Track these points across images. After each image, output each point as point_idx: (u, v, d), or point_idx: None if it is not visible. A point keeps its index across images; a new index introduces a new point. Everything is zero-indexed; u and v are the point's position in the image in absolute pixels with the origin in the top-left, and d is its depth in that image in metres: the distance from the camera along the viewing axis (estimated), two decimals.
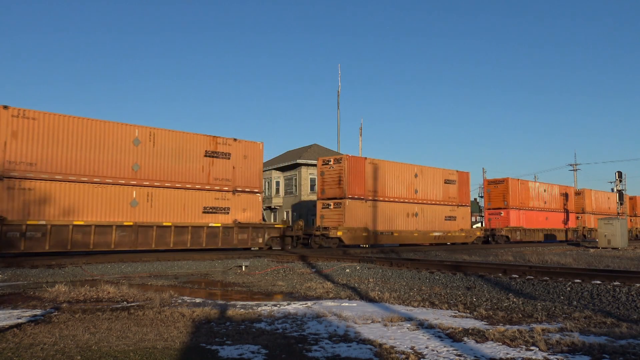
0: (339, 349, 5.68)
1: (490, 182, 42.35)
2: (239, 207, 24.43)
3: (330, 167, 29.07)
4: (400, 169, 31.56)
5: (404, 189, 31.48)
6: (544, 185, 44.94)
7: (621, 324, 7.16)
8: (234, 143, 24.67)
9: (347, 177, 28.16)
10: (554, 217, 45.06)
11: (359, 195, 28.69)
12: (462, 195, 35.91)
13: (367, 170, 29.30)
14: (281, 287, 11.82)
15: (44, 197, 18.74)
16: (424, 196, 32.88)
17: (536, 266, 14.43)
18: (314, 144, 53.54)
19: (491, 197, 41.69)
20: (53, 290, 10.18)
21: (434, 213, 33.36)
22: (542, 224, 43.36)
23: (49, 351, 5.43)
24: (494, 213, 41.24)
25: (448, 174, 34.86)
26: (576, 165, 72.90)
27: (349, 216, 28.05)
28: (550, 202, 44.83)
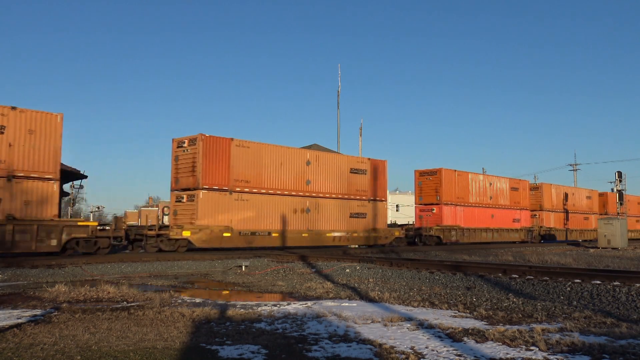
0: (339, 349, 5.68)
1: (421, 174, 36.05)
2: (18, 198, 17.98)
3: (185, 151, 23.33)
4: (285, 154, 25.98)
5: (290, 179, 25.86)
6: (491, 178, 39.45)
7: (621, 324, 7.16)
8: (11, 113, 18.37)
9: (202, 163, 22.54)
10: (503, 214, 39.51)
11: (220, 185, 23.10)
12: (377, 187, 30.13)
13: (234, 154, 23.74)
14: (281, 287, 11.82)
15: None
16: (320, 188, 27.20)
17: (536, 266, 14.43)
18: (314, 144, 53.54)
19: (423, 190, 35.69)
20: (53, 290, 10.19)
21: (333, 209, 27.75)
22: (486, 223, 37.72)
23: (49, 351, 5.44)
24: (425, 209, 35.21)
25: (356, 162, 29.46)
26: (576, 165, 72.97)
27: (205, 211, 22.49)
28: (498, 198, 39.22)
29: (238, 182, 23.90)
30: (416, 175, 36.24)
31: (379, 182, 30.51)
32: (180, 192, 23.31)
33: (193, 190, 22.67)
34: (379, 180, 30.46)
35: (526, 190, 42.39)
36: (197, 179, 22.65)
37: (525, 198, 41.99)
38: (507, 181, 40.89)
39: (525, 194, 42.13)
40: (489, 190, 38.70)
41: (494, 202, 39.08)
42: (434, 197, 34.91)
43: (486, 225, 37.68)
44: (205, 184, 22.75)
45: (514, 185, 41.39)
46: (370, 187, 29.82)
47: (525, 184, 42.77)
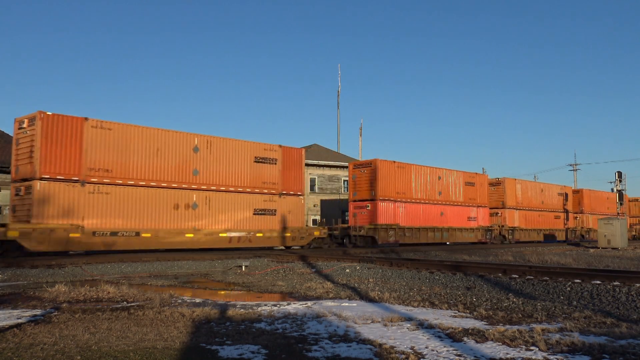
0: (339, 349, 5.68)
1: (355, 166, 31.98)
2: None
3: (25, 132, 19.17)
4: (163, 138, 21.74)
5: (170, 169, 21.80)
6: (439, 171, 34.62)
7: (621, 324, 7.16)
8: None
9: (41, 146, 18.38)
10: (455, 212, 35.28)
11: (67, 174, 19.00)
12: (290, 180, 26.12)
13: (89, 137, 19.60)
14: (281, 287, 11.82)
15: None
16: (213, 179, 23.22)
17: (536, 266, 14.44)
18: (314, 144, 53.52)
19: (357, 185, 31.23)
20: (53, 290, 10.19)
21: (231, 204, 23.70)
22: (434, 221, 33.47)
23: (49, 351, 5.44)
24: (359, 206, 30.84)
25: (262, 150, 25.28)
26: (576, 165, 72.99)
27: (43, 207, 18.38)
28: (450, 193, 35.00)
29: (94, 171, 19.71)
30: (350, 168, 32.41)
31: (294, 173, 26.46)
32: (19, 183, 19.22)
33: (30, 181, 18.58)
34: (293, 172, 26.40)
35: (484, 186, 38.06)
36: (34, 166, 18.47)
37: (484, 194, 37.80)
38: (461, 175, 36.30)
39: (484, 190, 37.89)
40: (438, 185, 34.29)
41: (444, 199, 34.59)
42: (368, 192, 30.57)
43: (434, 224, 33.35)
44: (46, 173, 18.50)
45: (470, 180, 36.89)
46: (281, 179, 25.75)
47: (482, 178, 38.31)
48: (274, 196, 25.60)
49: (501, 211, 40.07)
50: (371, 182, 30.58)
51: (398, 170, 31.80)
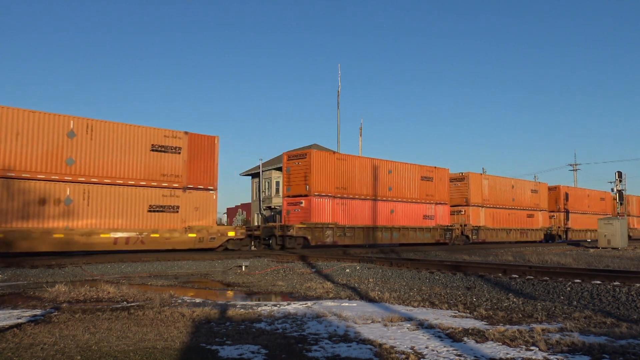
0: (339, 349, 5.68)
1: (290, 157, 28.00)
2: None
3: None
4: (27, 121, 18.36)
5: (36, 157, 18.46)
6: (390, 164, 31.07)
7: (621, 324, 7.16)
8: None
9: None
10: (408, 210, 31.64)
11: None
12: (198, 172, 22.45)
13: None
14: (281, 287, 11.82)
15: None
16: (94, 170, 19.80)
17: (536, 266, 14.44)
18: (314, 144, 53.55)
19: (291, 179, 27.59)
20: (53, 290, 10.19)
21: (119, 200, 20.28)
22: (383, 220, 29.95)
23: (49, 351, 5.43)
24: (293, 203, 27.34)
25: (162, 137, 21.69)
26: (576, 165, 72.97)
27: None
28: (402, 189, 31.51)
29: None
30: (284, 160, 28.46)
31: (204, 164, 22.78)
32: None
33: None
34: (202, 163, 22.71)
35: (444, 181, 34.61)
36: None
37: (443, 190, 34.43)
38: (416, 169, 32.78)
39: (444, 186, 34.54)
40: (388, 180, 30.81)
41: (396, 195, 31.07)
42: (303, 186, 27.06)
43: (382, 223, 29.86)
44: None
45: (427, 174, 33.41)
46: (187, 171, 22.05)
47: (442, 173, 34.55)
48: (177, 190, 21.77)
49: (464, 209, 36.43)
50: (306, 175, 26.84)
51: (338, 162, 28.26)
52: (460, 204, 36.73)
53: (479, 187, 37.55)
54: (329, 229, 27.00)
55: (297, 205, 27.25)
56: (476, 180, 37.46)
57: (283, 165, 28.54)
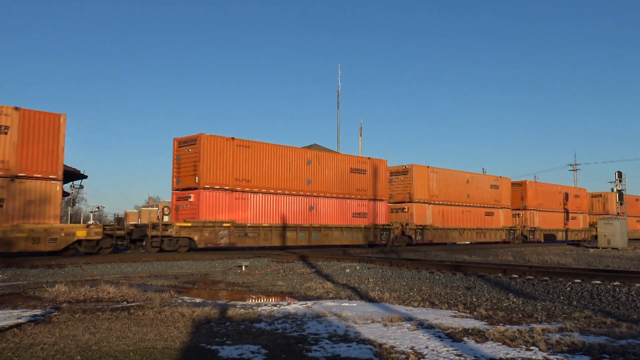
0: (339, 349, 5.68)
1: (181, 144, 24.17)
2: None
3: None
4: None
5: None
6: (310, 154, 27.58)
7: (621, 324, 7.16)
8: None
9: None
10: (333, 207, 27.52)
11: None
12: (35, 158, 18.60)
13: None
14: (281, 287, 11.82)
15: None
16: None
17: (536, 266, 14.44)
18: (314, 144, 53.56)
19: (181, 169, 23.87)
20: (53, 290, 10.18)
21: None
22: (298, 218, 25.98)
23: (49, 351, 5.44)
24: (182, 197, 23.81)
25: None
26: (576, 165, 72.98)
27: None
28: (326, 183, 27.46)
29: None
30: (174, 147, 24.52)
31: (43, 148, 18.91)
32: None
33: None
34: (41, 146, 18.86)
35: (382, 175, 30.39)
36: None
37: (382, 185, 30.32)
38: (345, 160, 28.98)
39: (381, 180, 30.24)
40: (307, 172, 26.97)
41: (317, 189, 26.81)
42: (193, 178, 23.32)
43: (298, 222, 25.85)
44: None
45: (358, 166, 29.42)
46: (17, 156, 18.26)
47: (379, 164, 30.32)
48: (2, 180, 17.97)
49: (408, 206, 32.51)
50: (195, 165, 23.21)
51: (239, 150, 24.32)
52: (403, 201, 32.79)
53: (425, 181, 33.40)
54: (223, 228, 23.03)
55: (186, 201, 23.55)
56: (421, 174, 33.25)
57: (173, 152, 24.56)
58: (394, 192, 33.27)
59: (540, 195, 43.99)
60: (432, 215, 33.79)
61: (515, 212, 42.32)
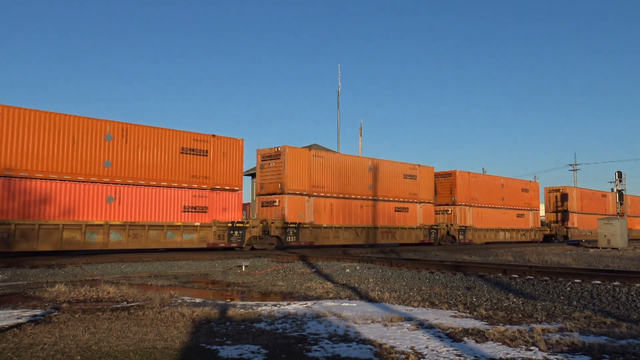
0: (339, 349, 5.68)
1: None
2: None
3: None
4: None
5: None
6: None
7: (621, 324, 7.16)
8: None
9: None
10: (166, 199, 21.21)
11: None
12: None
13: None
14: (281, 287, 11.82)
15: None
16: None
17: (536, 266, 14.43)
18: (314, 143, 53.51)
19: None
20: (53, 290, 10.18)
21: None
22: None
23: (49, 351, 5.43)
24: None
25: None
26: (576, 165, 72.95)
27: None
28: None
29: None
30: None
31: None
32: None
33: None
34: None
35: (233, 157, 23.55)
36: None
37: (234, 171, 23.56)
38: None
39: (234, 166, 23.63)
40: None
41: (120, 174, 19.98)
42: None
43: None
44: None
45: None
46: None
47: (233, 143, 23.55)
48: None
49: (278, 198, 25.54)
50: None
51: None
52: (274, 192, 25.91)
53: (302, 167, 26.26)
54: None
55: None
56: (297, 158, 25.99)
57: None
58: (265, 180, 26.83)
59: (475, 188, 36.59)
60: (313, 210, 26.74)
61: (444, 207, 35.56)
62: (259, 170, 26.88)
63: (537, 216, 43.44)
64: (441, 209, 35.64)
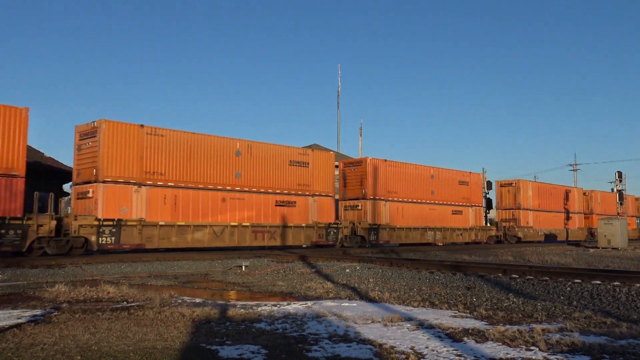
0: (339, 349, 5.68)
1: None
2: None
3: None
4: None
5: None
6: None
7: (621, 324, 7.16)
8: None
9: None
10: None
11: None
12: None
13: None
14: (281, 287, 11.82)
15: None
16: None
17: (536, 266, 14.44)
18: (314, 144, 53.54)
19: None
20: (53, 290, 10.18)
21: None
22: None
23: (49, 351, 5.43)
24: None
25: None
26: (576, 165, 72.97)
27: None
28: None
29: None
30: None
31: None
32: None
33: None
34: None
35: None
36: None
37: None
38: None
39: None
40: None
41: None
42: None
43: None
44: None
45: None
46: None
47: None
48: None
49: (91, 188, 19.94)
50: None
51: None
52: (89, 181, 20.13)
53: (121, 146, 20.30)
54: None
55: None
56: (115, 133, 20.13)
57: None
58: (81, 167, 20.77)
59: (394, 179, 30.90)
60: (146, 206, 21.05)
61: (353, 202, 29.98)
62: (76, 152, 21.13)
63: (479, 213, 36.72)
64: (350, 204, 30.06)
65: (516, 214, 39.63)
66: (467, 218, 35.83)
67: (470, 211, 36.04)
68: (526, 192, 40.28)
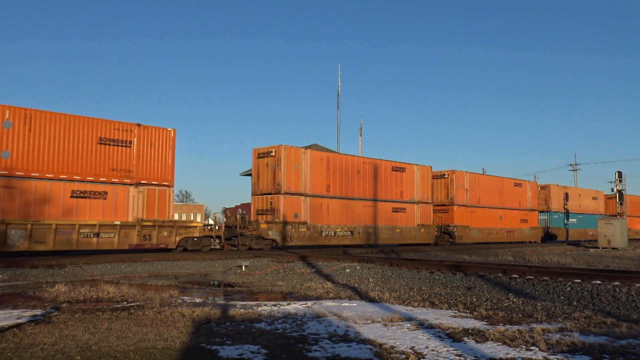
0: (339, 349, 5.68)
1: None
2: None
3: None
4: None
5: None
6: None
7: (621, 324, 7.16)
8: None
9: None
10: None
11: None
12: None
13: None
14: (281, 287, 11.82)
15: None
16: None
17: (536, 266, 14.43)
18: (314, 144, 53.51)
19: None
20: (53, 290, 10.18)
21: None
22: None
23: (49, 351, 5.43)
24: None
25: None
26: (576, 165, 72.92)
27: None
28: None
29: None
30: None
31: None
32: None
33: None
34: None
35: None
36: None
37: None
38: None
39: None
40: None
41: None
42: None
43: None
44: None
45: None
46: None
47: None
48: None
49: None
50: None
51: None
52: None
53: None
54: None
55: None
56: None
57: None
58: None
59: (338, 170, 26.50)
60: None
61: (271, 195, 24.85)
62: None
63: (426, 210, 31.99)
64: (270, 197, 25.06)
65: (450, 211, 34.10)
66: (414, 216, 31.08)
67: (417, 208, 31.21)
68: (461, 186, 34.38)
